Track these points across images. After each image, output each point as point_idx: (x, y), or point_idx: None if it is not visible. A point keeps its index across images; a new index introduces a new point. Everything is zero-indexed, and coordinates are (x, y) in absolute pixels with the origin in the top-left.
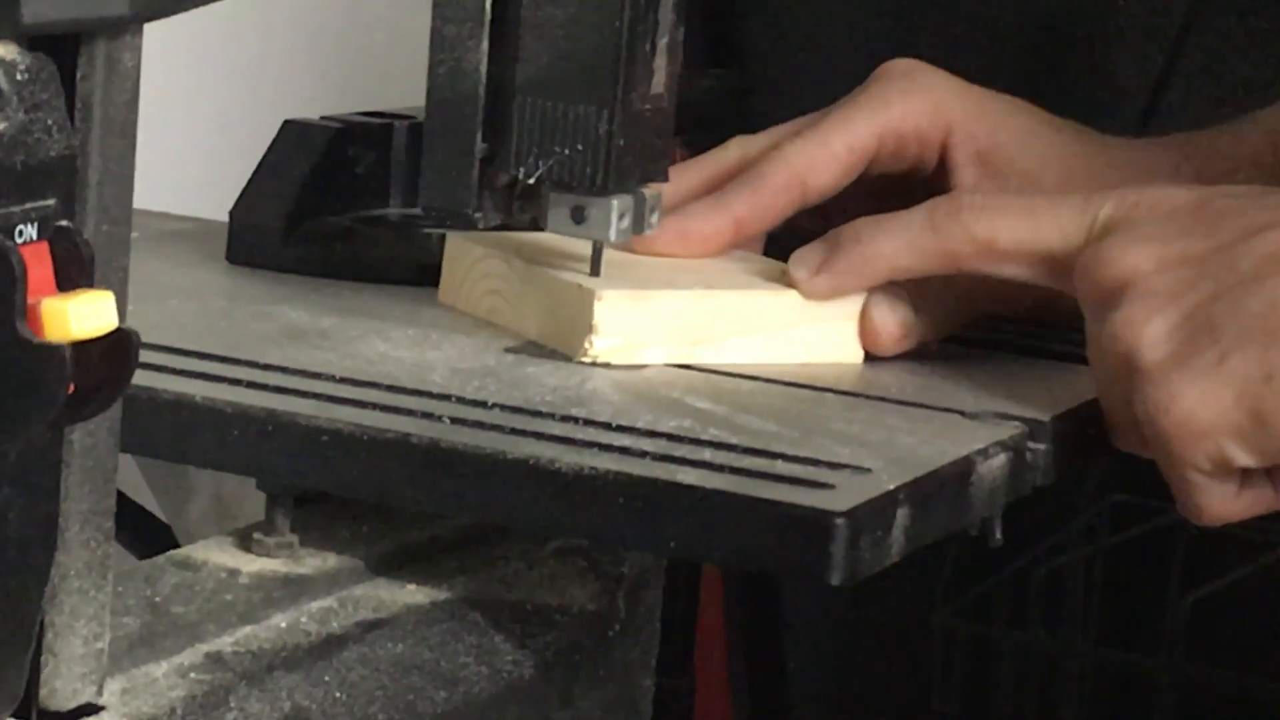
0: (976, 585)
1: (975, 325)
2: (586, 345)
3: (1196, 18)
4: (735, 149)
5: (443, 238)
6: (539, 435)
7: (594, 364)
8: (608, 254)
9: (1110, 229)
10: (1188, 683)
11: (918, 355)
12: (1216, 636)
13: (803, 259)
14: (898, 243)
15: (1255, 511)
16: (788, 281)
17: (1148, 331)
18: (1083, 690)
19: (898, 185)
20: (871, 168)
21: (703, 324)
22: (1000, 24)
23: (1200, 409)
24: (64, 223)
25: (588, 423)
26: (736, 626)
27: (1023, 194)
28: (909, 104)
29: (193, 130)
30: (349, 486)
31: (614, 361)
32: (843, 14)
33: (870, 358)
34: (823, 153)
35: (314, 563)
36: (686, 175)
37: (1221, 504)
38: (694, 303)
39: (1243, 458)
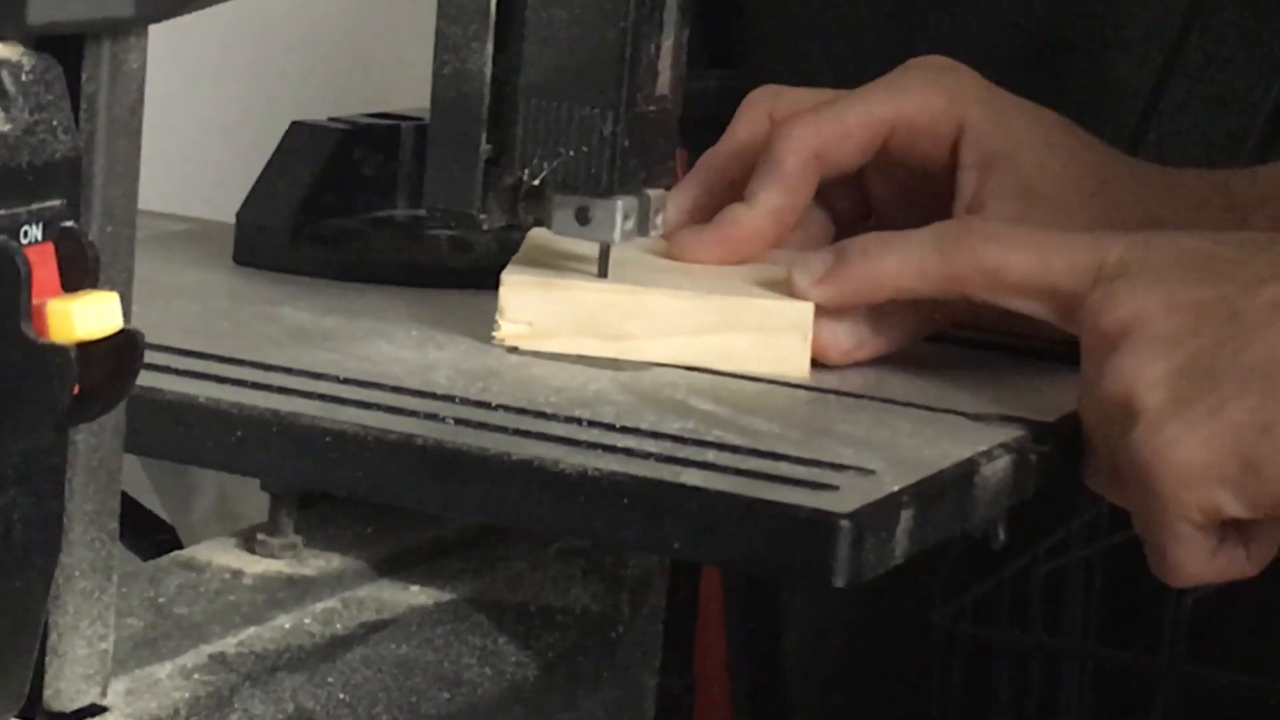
0: (976, 586)
1: (971, 327)
2: (494, 328)
3: (1196, 18)
4: (762, 104)
5: (450, 239)
6: (543, 436)
7: (502, 346)
8: (639, 256)
9: (1120, 272)
10: (1188, 683)
11: (921, 357)
12: (1216, 636)
13: (807, 266)
14: (903, 263)
15: (1226, 576)
16: (788, 290)
17: (1148, 374)
18: (1083, 690)
19: (911, 180)
20: (884, 156)
21: (616, 320)
22: (1000, 25)
23: (1195, 456)
24: (69, 224)
25: (591, 424)
26: (736, 626)
27: (1035, 228)
28: (928, 96)
29: (198, 131)
30: (353, 487)
31: (521, 347)
32: (843, 15)
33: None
34: (837, 129)
35: (318, 564)
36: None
37: (1197, 563)
38: (604, 297)
39: (1234, 508)
